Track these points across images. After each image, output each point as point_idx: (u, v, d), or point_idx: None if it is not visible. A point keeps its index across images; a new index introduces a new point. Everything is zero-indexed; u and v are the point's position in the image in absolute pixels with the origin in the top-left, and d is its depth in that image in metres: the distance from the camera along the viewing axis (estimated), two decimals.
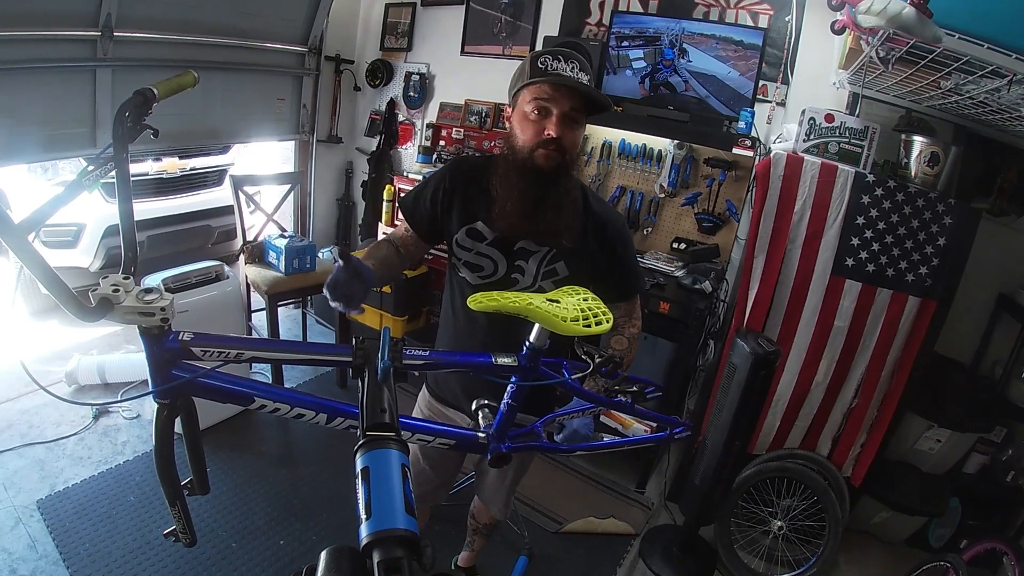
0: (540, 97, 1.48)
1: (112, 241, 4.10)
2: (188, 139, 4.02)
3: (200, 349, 1.15)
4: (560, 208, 1.53)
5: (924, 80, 2.22)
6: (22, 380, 3.33)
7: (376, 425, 0.87)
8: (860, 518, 3.00)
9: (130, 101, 1.22)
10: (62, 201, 1.10)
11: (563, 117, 1.47)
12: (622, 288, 1.74)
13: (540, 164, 1.50)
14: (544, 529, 2.89)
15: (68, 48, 2.98)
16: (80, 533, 2.52)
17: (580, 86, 1.46)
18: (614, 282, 1.71)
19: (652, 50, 3.34)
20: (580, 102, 1.49)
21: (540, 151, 1.49)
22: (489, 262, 1.63)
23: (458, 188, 1.63)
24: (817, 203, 2.61)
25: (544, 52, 1.49)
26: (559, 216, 1.53)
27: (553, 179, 1.52)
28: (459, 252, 1.65)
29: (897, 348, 2.69)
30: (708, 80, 3.26)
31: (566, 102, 1.47)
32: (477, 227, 1.62)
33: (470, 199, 1.62)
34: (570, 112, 1.48)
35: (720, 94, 3.24)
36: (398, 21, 4.53)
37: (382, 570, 0.67)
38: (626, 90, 3.44)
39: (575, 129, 1.52)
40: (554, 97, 1.47)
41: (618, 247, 1.68)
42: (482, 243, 1.62)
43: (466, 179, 1.63)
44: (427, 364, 1.33)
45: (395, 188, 4.21)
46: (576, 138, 1.54)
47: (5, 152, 2.92)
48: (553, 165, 1.51)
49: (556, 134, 1.47)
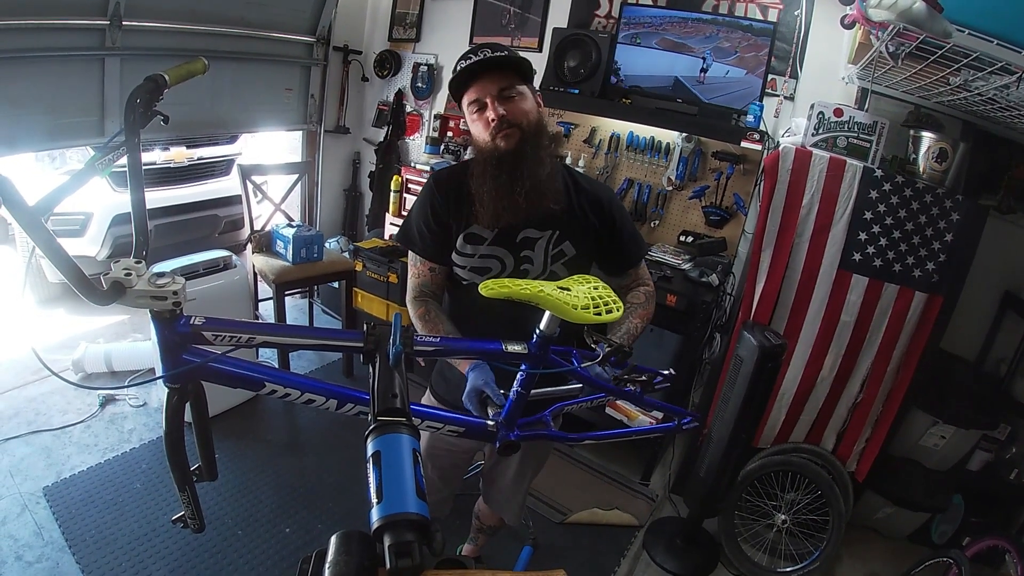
0: (471, 97, 1.54)
1: (119, 230, 4.11)
2: (196, 128, 4.05)
3: (211, 333, 1.15)
4: (536, 176, 1.54)
5: (933, 76, 2.21)
6: (29, 368, 3.34)
7: (387, 410, 0.87)
8: (863, 513, 3.01)
9: (141, 87, 1.22)
10: (73, 187, 1.11)
11: (497, 98, 1.51)
12: (629, 255, 1.76)
13: (503, 147, 1.53)
14: (549, 520, 2.90)
15: (77, 37, 2.99)
16: (86, 520, 2.53)
17: (488, 60, 1.49)
18: (620, 250, 1.73)
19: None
20: (508, 78, 1.53)
21: (497, 137, 1.52)
22: (495, 261, 1.62)
23: (449, 197, 1.62)
24: (825, 197, 2.60)
25: (457, 61, 1.54)
26: (538, 183, 1.54)
27: (520, 153, 1.53)
28: (461, 260, 1.63)
29: (903, 344, 2.68)
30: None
31: (492, 85, 1.51)
32: (474, 230, 1.61)
33: (460, 205, 1.61)
34: (501, 91, 1.51)
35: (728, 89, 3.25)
36: (406, 12, 4.52)
37: (392, 554, 0.67)
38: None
39: (516, 100, 1.54)
40: (480, 87, 1.52)
41: (616, 218, 1.69)
42: (483, 245, 1.61)
43: (449, 188, 1.63)
44: (438, 350, 1.33)
45: (402, 179, 4.22)
46: (522, 107, 1.55)
47: (13, 140, 2.94)
48: (515, 141, 1.53)
49: (497, 115, 1.50)
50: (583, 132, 3.73)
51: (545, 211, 1.57)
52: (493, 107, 1.50)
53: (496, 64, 1.50)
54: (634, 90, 3.43)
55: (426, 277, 1.68)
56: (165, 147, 4.44)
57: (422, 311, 1.64)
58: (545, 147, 1.59)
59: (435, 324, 1.60)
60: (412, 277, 1.71)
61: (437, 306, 1.67)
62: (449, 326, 1.61)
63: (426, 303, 1.66)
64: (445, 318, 1.63)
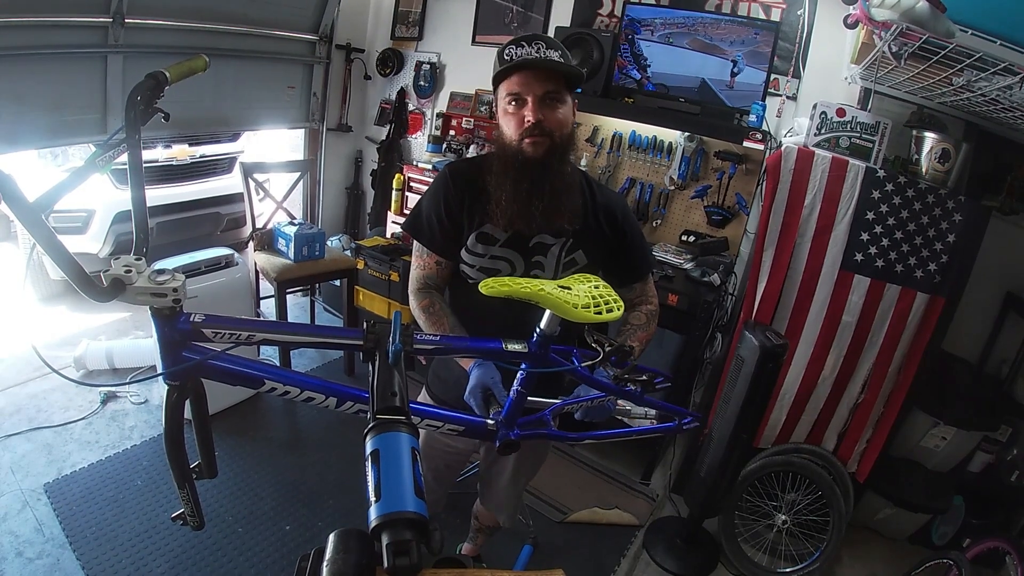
0: (512, 89, 1.46)
1: (121, 227, 4.12)
2: (198, 126, 4.05)
3: (211, 331, 1.15)
4: (557, 192, 1.51)
5: (936, 76, 2.21)
6: (31, 365, 3.35)
7: (386, 408, 0.87)
8: (864, 514, 3.00)
9: (142, 84, 1.22)
10: (73, 184, 1.10)
11: (540, 100, 1.45)
12: (637, 268, 1.74)
13: (529, 153, 1.48)
14: (549, 519, 2.90)
15: (79, 34, 2.99)
16: (87, 516, 2.54)
17: (544, 63, 1.43)
18: (629, 264, 1.71)
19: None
20: (556, 81, 1.46)
21: (526, 140, 1.47)
22: (505, 264, 1.58)
23: (464, 192, 1.58)
24: (827, 197, 2.60)
25: (508, 43, 1.46)
26: (558, 200, 1.51)
27: (546, 164, 1.49)
28: (471, 259, 1.60)
29: (904, 344, 2.68)
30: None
31: (538, 85, 1.44)
32: (487, 230, 1.58)
33: (474, 202, 1.58)
34: (546, 94, 1.45)
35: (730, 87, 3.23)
36: (409, 10, 4.52)
37: (391, 552, 0.66)
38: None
39: (557, 108, 1.48)
40: (525, 83, 1.45)
41: (628, 230, 1.67)
42: (494, 246, 1.58)
43: (465, 182, 1.59)
44: (437, 349, 1.32)
45: (404, 177, 4.22)
46: (562, 117, 1.49)
47: (16, 137, 2.94)
48: (542, 151, 1.48)
49: (535, 118, 1.45)
50: (586, 131, 3.72)
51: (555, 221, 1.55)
52: (534, 109, 1.45)
53: (552, 65, 1.45)
54: (659, 88, 3.37)
55: (431, 270, 1.64)
56: (167, 145, 4.45)
57: (426, 303, 1.60)
58: (567, 160, 1.55)
59: (439, 317, 1.57)
60: (416, 268, 1.66)
61: (441, 299, 1.64)
62: (454, 320, 1.58)
63: (430, 295, 1.62)
64: (449, 311, 1.60)
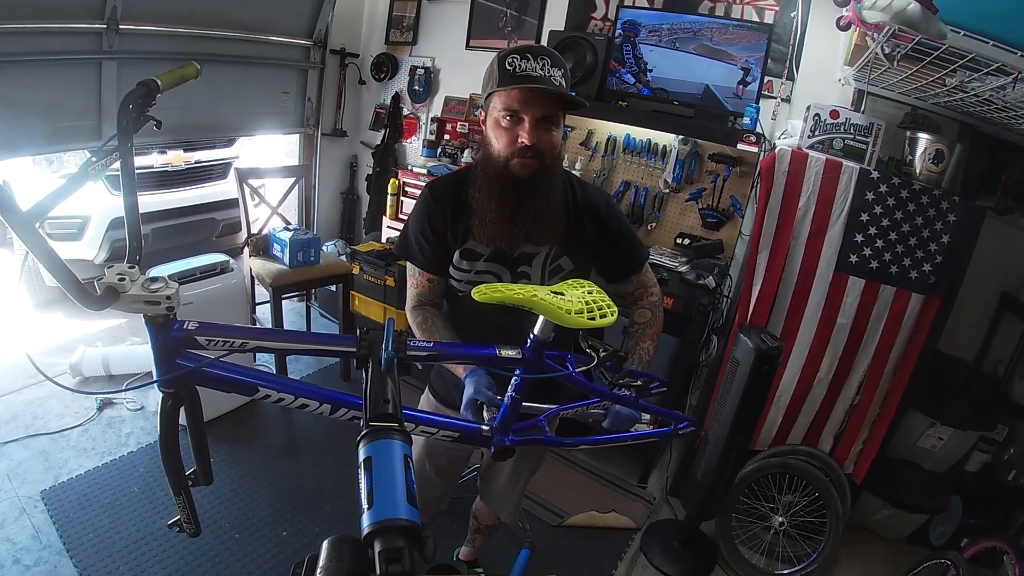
0: (511, 104, 1.42)
1: (117, 233, 4.11)
2: (193, 132, 4.05)
3: (205, 338, 1.15)
4: (542, 214, 1.50)
5: (929, 77, 2.22)
6: (27, 372, 3.34)
7: (379, 415, 0.87)
8: (861, 515, 3.01)
9: (134, 92, 1.21)
10: (67, 192, 1.10)
11: (537, 122, 1.42)
12: (629, 261, 1.72)
13: (516, 173, 1.46)
14: (546, 522, 2.90)
15: (73, 41, 2.99)
16: (84, 523, 2.53)
17: (551, 89, 1.40)
18: (620, 258, 1.70)
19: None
20: (556, 104, 1.44)
21: (515, 160, 1.45)
22: (491, 277, 1.59)
23: (446, 209, 1.58)
24: (821, 199, 2.60)
25: (511, 52, 1.41)
26: (541, 222, 1.50)
27: (533, 185, 1.48)
28: (457, 275, 1.62)
29: (900, 345, 2.68)
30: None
31: (539, 107, 1.41)
32: (470, 246, 1.58)
33: (456, 218, 1.58)
34: (544, 116, 1.43)
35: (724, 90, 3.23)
36: (403, 15, 4.53)
37: (383, 560, 0.67)
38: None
39: (551, 131, 1.46)
40: (525, 101, 1.41)
41: (613, 223, 1.65)
42: (479, 261, 1.59)
43: (446, 198, 1.59)
44: (431, 355, 1.31)
45: (399, 182, 4.21)
46: (554, 140, 1.47)
47: (10, 144, 2.94)
48: (530, 172, 1.46)
49: (530, 142, 1.42)
50: (579, 135, 3.73)
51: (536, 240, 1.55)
52: (530, 132, 1.41)
53: (557, 91, 1.41)
54: (659, 93, 3.34)
55: (424, 287, 1.66)
56: (162, 151, 4.44)
57: (420, 319, 1.62)
58: (554, 180, 1.53)
59: (431, 333, 1.58)
60: (411, 287, 1.69)
61: (436, 314, 1.66)
62: (447, 333, 1.59)
63: (424, 311, 1.64)
64: (443, 325, 1.62)
